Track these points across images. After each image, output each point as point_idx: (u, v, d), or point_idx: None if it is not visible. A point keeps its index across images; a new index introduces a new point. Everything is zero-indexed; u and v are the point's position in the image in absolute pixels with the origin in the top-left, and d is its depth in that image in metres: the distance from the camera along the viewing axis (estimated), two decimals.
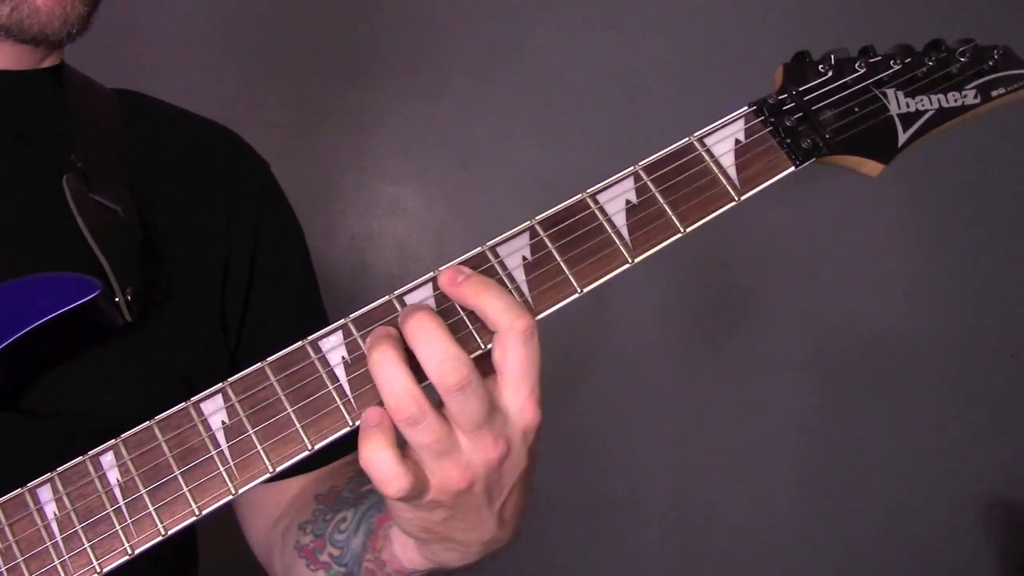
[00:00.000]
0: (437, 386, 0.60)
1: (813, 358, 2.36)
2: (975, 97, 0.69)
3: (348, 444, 0.92)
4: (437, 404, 0.61)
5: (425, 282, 0.66)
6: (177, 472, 0.65)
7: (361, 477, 0.84)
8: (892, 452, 2.39)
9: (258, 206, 0.96)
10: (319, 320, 0.96)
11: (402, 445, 0.62)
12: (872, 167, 0.69)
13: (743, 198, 0.68)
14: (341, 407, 0.65)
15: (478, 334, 0.65)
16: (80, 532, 0.65)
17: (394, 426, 0.61)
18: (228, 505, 0.87)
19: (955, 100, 0.69)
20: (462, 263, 0.66)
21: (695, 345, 2.34)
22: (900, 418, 2.39)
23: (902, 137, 0.68)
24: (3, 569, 0.65)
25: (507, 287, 0.65)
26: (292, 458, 0.65)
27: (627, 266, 0.66)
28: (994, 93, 0.70)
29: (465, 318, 0.65)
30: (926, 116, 0.69)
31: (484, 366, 0.62)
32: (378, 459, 0.60)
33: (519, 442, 0.63)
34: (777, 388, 2.36)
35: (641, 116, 2.17)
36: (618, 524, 2.26)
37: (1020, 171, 2.43)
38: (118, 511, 0.65)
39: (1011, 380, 2.43)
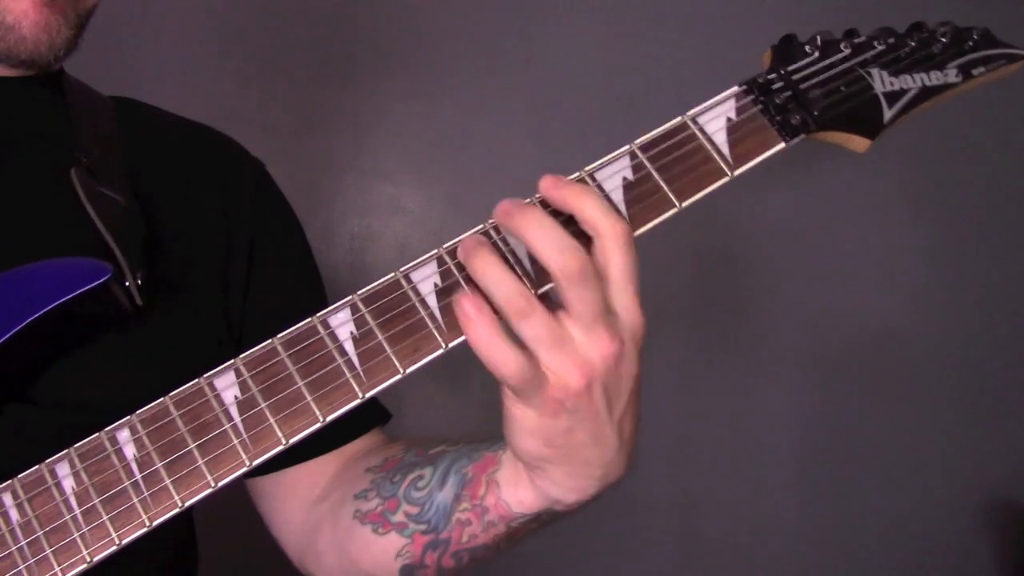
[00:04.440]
0: (558, 274, 0.62)
1: (814, 358, 2.36)
2: (957, 75, 0.72)
3: (368, 417, 0.95)
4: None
5: (430, 259, 0.68)
6: (192, 446, 0.67)
7: (421, 445, 0.84)
8: (892, 452, 2.40)
9: (254, 198, 0.98)
10: (321, 303, 0.97)
11: None
12: (859, 143, 0.72)
13: (736, 173, 0.70)
14: (351, 380, 0.67)
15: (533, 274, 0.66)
16: (98, 505, 0.67)
17: (496, 317, 0.62)
18: (227, 505, 0.88)
19: (937, 79, 0.71)
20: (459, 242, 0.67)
21: (695, 344, 2.34)
22: (900, 418, 2.39)
23: (887, 114, 0.71)
24: (24, 543, 0.67)
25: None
26: (304, 430, 0.67)
27: None
28: (975, 72, 0.72)
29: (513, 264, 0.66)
30: (910, 94, 0.71)
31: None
32: (487, 340, 0.61)
33: (631, 342, 0.65)
34: (777, 387, 2.37)
35: (641, 115, 2.17)
36: (618, 524, 2.26)
37: (1022, 169, 2.45)
38: (135, 484, 0.67)
39: (1012, 380, 2.43)
